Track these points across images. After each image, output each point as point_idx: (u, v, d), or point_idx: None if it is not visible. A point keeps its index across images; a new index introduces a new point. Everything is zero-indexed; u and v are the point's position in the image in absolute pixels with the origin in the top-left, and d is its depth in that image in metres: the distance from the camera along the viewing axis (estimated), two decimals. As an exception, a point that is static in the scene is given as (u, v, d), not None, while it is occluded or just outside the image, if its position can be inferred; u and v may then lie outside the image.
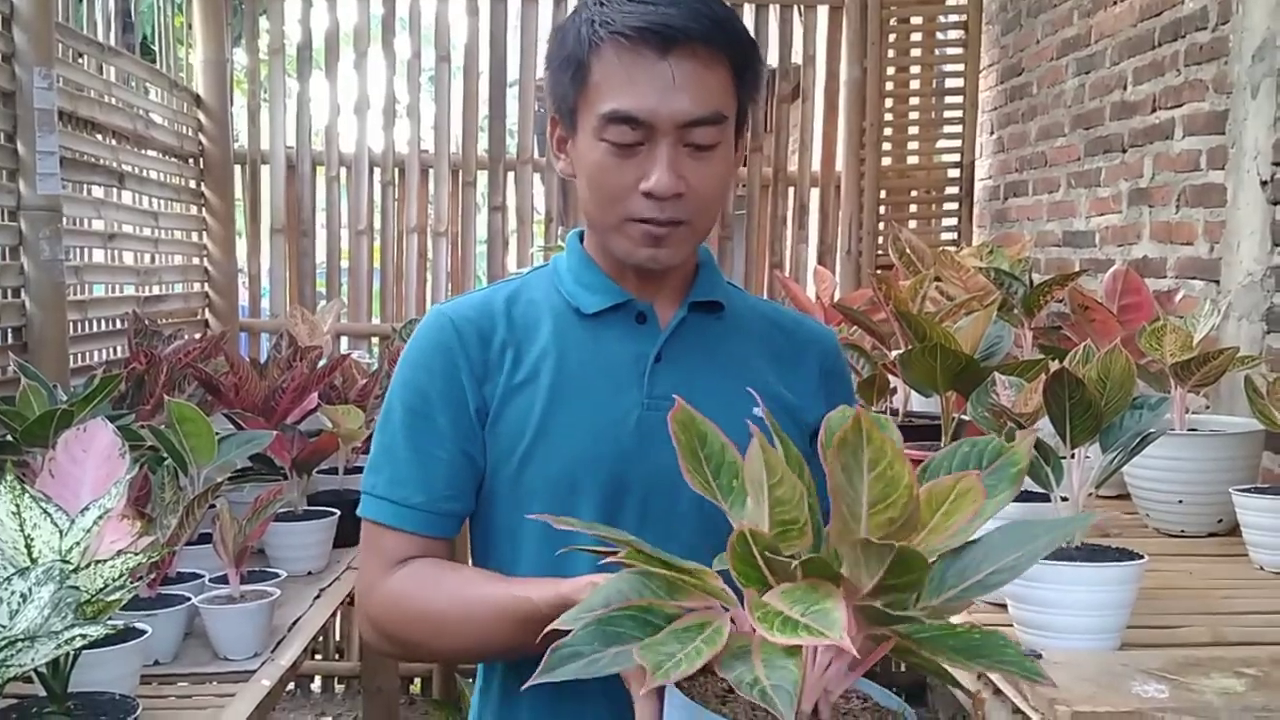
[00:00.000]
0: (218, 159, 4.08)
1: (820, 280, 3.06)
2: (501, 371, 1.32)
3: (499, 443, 1.30)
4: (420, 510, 1.30)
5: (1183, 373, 1.93)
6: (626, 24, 1.24)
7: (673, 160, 1.25)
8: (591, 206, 1.32)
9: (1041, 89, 3.63)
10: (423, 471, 1.30)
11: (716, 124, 1.27)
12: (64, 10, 2.99)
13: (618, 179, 1.27)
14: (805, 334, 1.44)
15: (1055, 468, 1.40)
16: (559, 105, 1.32)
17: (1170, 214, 2.78)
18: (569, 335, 1.33)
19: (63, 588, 1.47)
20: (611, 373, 1.31)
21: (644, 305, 1.35)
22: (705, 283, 1.39)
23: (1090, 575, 1.34)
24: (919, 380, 1.87)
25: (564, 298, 1.36)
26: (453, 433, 1.30)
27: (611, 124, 1.25)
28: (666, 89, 1.24)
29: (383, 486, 1.32)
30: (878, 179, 4.30)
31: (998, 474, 0.94)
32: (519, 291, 1.39)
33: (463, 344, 1.32)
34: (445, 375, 1.31)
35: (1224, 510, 1.89)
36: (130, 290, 3.45)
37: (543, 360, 1.32)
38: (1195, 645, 1.40)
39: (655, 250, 1.29)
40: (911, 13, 4.30)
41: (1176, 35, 2.77)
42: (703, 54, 1.25)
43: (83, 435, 1.83)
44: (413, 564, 1.30)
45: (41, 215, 2.66)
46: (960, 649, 0.85)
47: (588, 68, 1.26)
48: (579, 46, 1.27)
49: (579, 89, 1.28)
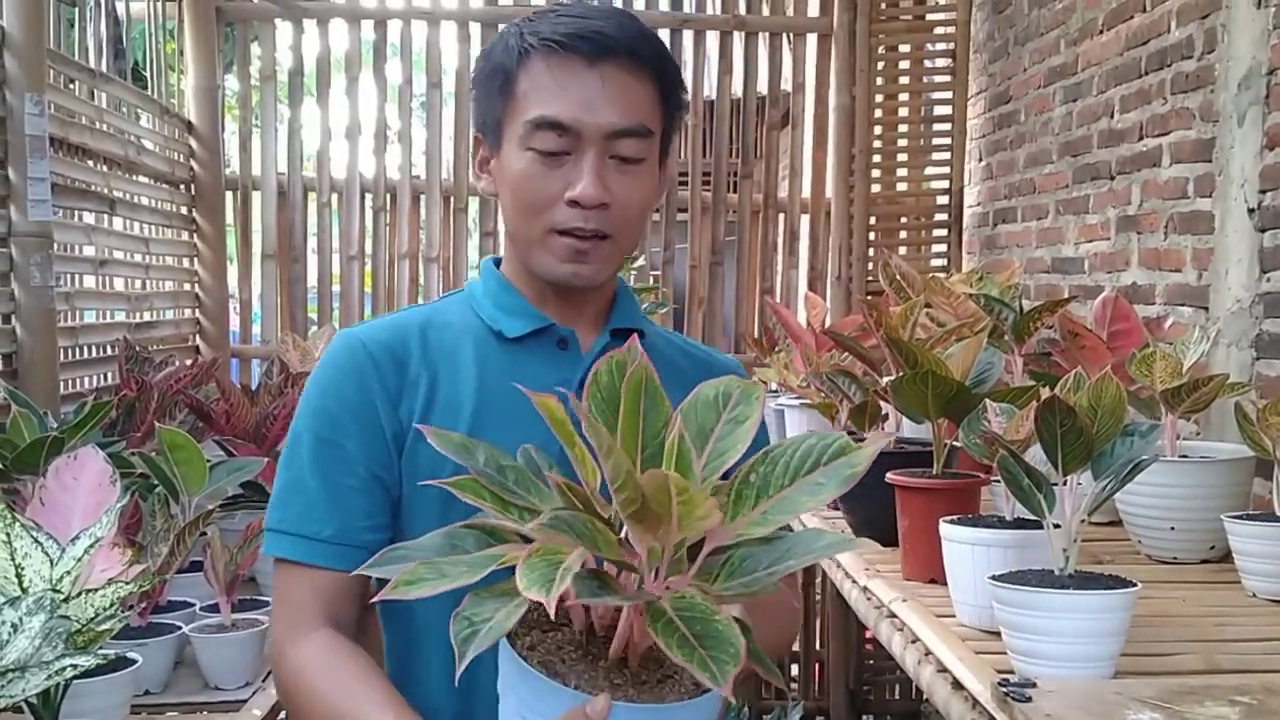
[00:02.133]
0: (209, 185, 4.08)
1: (811, 306, 3.07)
2: (418, 395, 1.29)
3: (420, 470, 1.26)
4: (333, 543, 1.25)
5: (1173, 399, 1.93)
6: (556, 32, 1.26)
7: (599, 170, 1.25)
8: (515, 219, 1.31)
9: (1029, 116, 3.65)
10: (334, 502, 1.26)
11: (643, 137, 1.28)
12: (55, 36, 2.99)
13: (542, 188, 1.26)
14: (719, 366, 1.45)
15: (1047, 495, 1.40)
16: (484, 120, 1.32)
17: (1159, 241, 2.79)
18: (490, 360, 1.32)
19: (54, 617, 1.46)
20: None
21: (566, 330, 1.34)
22: (625, 310, 1.40)
23: (1083, 603, 1.34)
24: (910, 407, 1.87)
25: (483, 322, 1.34)
26: (365, 459, 1.27)
27: (538, 130, 1.25)
28: (595, 97, 1.25)
29: (291, 521, 1.27)
30: (867, 205, 4.32)
31: (831, 473, 0.96)
32: (433, 316, 1.37)
33: (376, 367, 1.29)
34: (357, 399, 1.28)
35: (1216, 537, 1.89)
36: (121, 316, 3.45)
37: (464, 384, 1.30)
38: (1189, 673, 1.40)
39: (578, 266, 1.29)
40: (900, 41, 4.33)
41: (1163, 64, 2.79)
42: (630, 66, 1.27)
43: (73, 463, 1.82)
44: (322, 636, 1.24)
45: (32, 241, 2.66)
46: (779, 555, 0.94)
47: (515, 78, 1.27)
48: (507, 58, 1.28)
49: (506, 100, 1.28)
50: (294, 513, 1.27)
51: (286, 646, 1.25)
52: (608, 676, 0.99)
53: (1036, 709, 1.22)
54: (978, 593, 1.55)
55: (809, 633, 4.60)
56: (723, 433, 1.01)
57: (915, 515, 1.84)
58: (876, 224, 4.37)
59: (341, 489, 1.26)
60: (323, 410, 1.29)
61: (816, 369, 2.60)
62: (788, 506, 0.96)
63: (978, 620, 1.58)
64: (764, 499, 0.96)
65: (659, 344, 1.41)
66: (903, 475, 1.87)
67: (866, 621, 1.87)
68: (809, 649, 4.60)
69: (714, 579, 0.96)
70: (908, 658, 1.63)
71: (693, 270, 4.39)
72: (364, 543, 1.25)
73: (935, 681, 1.50)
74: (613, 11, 1.34)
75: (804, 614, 4.61)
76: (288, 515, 1.27)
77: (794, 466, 0.97)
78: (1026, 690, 1.26)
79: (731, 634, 0.89)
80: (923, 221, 4.42)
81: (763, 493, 0.97)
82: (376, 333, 1.32)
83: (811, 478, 0.97)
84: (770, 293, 4.41)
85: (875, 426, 2.34)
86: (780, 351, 3.23)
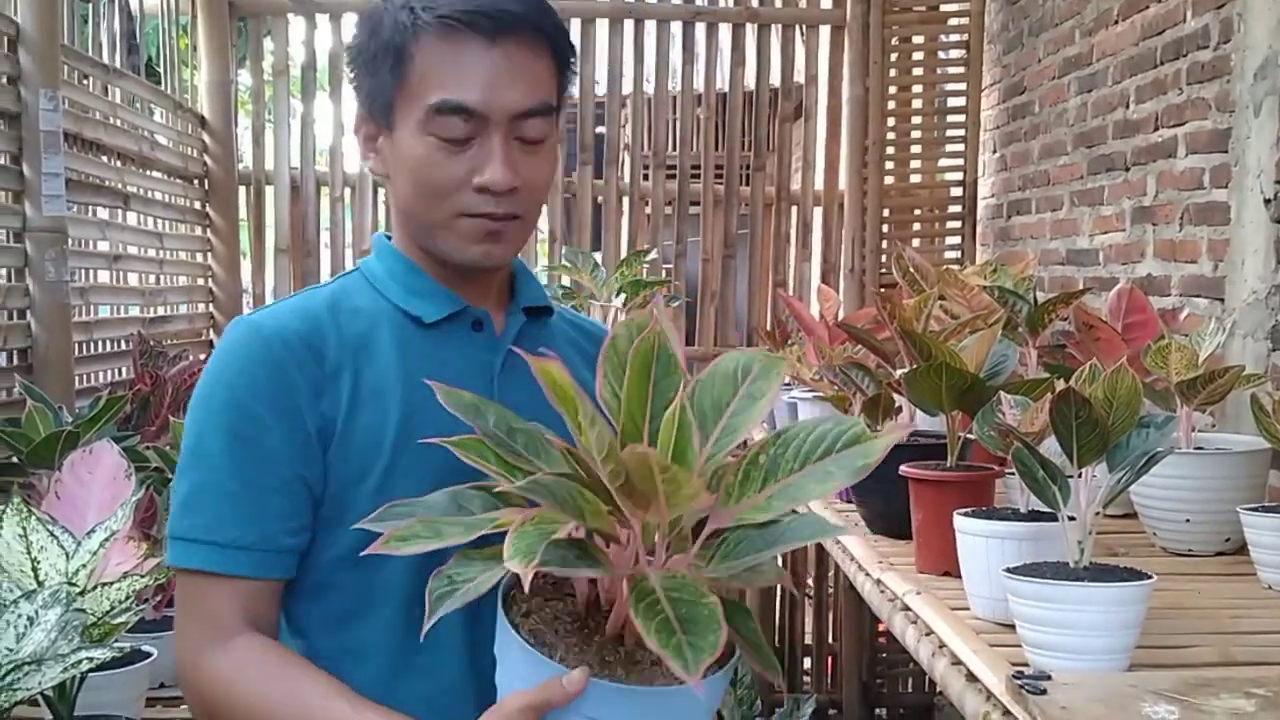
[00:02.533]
0: (222, 180, 4.10)
1: (824, 299, 3.06)
2: (341, 386, 1.22)
3: (348, 462, 1.21)
4: (254, 550, 1.17)
5: (1188, 391, 1.92)
6: (453, 8, 1.19)
7: (507, 154, 1.21)
8: (416, 204, 1.25)
9: (1044, 107, 3.64)
10: (254, 505, 1.17)
11: (546, 116, 1.24)
12: (69, 32, 3.00)
13: (447, 174, 1.21)
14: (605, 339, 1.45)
15: (1062, 487, 1.40)
16: (373, 100, 1.25)
17: (1174, 232, 2.78)
18: (411, 346, 1.27)
19: (69, 610, 1.47)
20: (460, 384, 1.22)
21: (479, 312, 1.30)
22: (530, 289, 1.37)
23: (1099, 595, 1.34)
24: (924, 399, 1.87)
25: (395, 305, 1.28)
26: (288, 457, 1.19)
27: (440, 115, 1.20)
28: (499, 78, 1.20)
29: (203, 529, 1.17)
30: (880, 197, 4.31)
31: (842, 461, 0.95)
32: (337, 298, 1.29)
33: (294, 357, 1.21)
34: (277, 393, 1.19)
35: (1231, 529, 1.88)
36: (135, 311, 3.46)
37: (387, 372, 1.24)
38: (1204, 665, 1.39)
39: (490, 246, 1.25)
40: (913, 32, 4.31)
41: (1178, 54, 2.78)
42: (531, 42, 1.22)
43: (88, 457, 1.83)
44: (246, 640, 1.17)
45: (47, 237, 2.67)
46: (773, 539, 0.94)
47: (409, 57, 1.20)
48: (397, 34, 1.21)
49: (399, 80, 1.21)
50: (207, 519, 1.18)
51: (204, 657, 1.17)
52: (599, 652, 0.98)
53: (1052, 701, 1.21)
54: (992, 585, 1.54)
55: (822, 626, 4.60)
56: (738, 408, 0.98)
57: (929, 508, 1.84)
58: (890, 216, 4.36)
59: (262, 490, 1.18)
60: (235, 405, 1.19)
61: (829, 362, 2.60)
62: (794, 493, 0.94)
63: (992, 613, 1.57)
64: (771, 482, 0.95)
65: (562, 324, 1.40)
66: (916, 468, 1.87)
67: (880, 614, 1.86)
68: (822, 642, 4.60)
69: (709, 561, 0.95)
70: (921, 651, 1.63)
71: (705, 263, 4.39)
72: (287, 546, 1.19)
73: (949, 674, 1.50)
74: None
75: (816, 607, 4.61)
76: (199, 522, 1.18)
77: (805, 451, 0.95)
78: (1041, 683, 1.26)
79: (715, 621, 0.86)
80: (936, 214, 4.40)
81: (770, 476, 0.95)
82: (286, 320, 1.24)
83: (822, 464, 0.94)
84: (783, 285, 4.40)
85: (888, 419, 2.33)
86: (793, 344, 3.23)
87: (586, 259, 3.25)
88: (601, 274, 3.17)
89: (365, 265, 1.34)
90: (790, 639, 4.55)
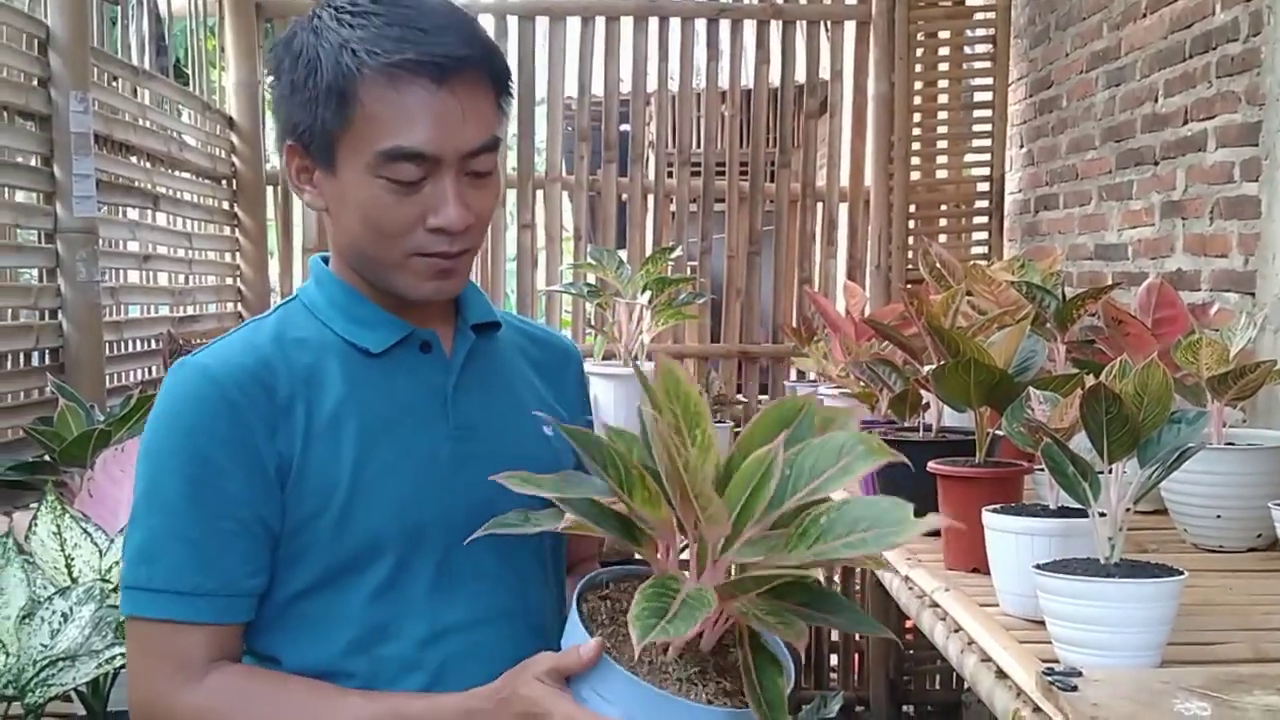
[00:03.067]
0: (250, 180, 4.12)
1: (850, 295, 3.06)
2: (294, 422, 1.20)
3: (306, 499, 1.20)
4: (217, 596, 1.16)
5: (1219, 386, 1.91)
6: (401, 55, 1.16)
7: (459, 192, 1.20)
8: (366, 245, 1.23)
9: (1071, 102, 3.62)
10: (215, 550, 1.16)
11: (494, 150, 1.24)
12: (98, 35, 3.03)
13: (399, 215, 1.20)
14: (558, 345, 1.46)
15: (1092, 483, 1.39)
16: (311, 136, 1.21)
17: (1204, 226, 2.76)
18: (361, 376, 1.25)
19: (103, 607, 1.48)
20: (414, 409, 1.25)
21: (426, 334, 1.29)
22: (478, 303, 1.36)
23: (1130, 591, 1.33)
24: (952, 395, 1.86)
25: (340, 336, 1.27)
26: (248, 499, 1.18)
27: (391, 161, 1.17)
28: (449, 120, 1.18)
29: (162, 578, 1.16)
30: (906, 193, 4.29)
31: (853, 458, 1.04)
32: (281, 332, 1.27)
33: (246, 396, 1.19)
34: (233, 435, 1.18)
35: (1263, 525, 1.87)
36: (165, 311, 3.49)
37: (341, 405, 1.23)
38: (1237, 662, 1.39)
39: (442, 283, 1.24)
40: (939, 27, 4.29)
41: (1208, 47, 2.75)
42: (475, 79, 1.20)
43: (120, 455, 1.85)
44: (220, 670, 1.17)
45: (78, 237, 2.70)
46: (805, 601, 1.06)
47: (354, 100, 1.17)
48: (339, 77, 1.17)
49: (343, 122, 1.18)
50: (166, 567, 1.16)
51: (177, 694, 1.16)
52: (655, 657, 1.06)
53: (1083, 698, 1.21)
54: (1021, 582, 1.54)
55: (850, 623, 4.58)
56: (830, 477, 1.04)
57: (958, 504, 1.83)
58: (916, 212, 4.34)
59: (223, 534, 1.17)
60: (191, 450, 1.17)
61: (856, 358, 2.59)
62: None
63: (1021, 610, 1.57)
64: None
65: (509, 334, 1.39)
66: (945, 464, 1.86)
67: (908, 611, 1.86)
68: (849, 639, 4.59)
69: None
70: (950, 647, 1.62)
71: (730, 261, 4.38)
72: (248, 589, 1.19)
73: (979, 671, 1.49)
74: (442, 9, 1.23)
75: (845, 604, 4.59)
76: (158, 571, 1.16)
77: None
78: (1072, 679, 1.25)
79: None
80: (963, 209, 4.38)
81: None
82: (233, 357, 1.22)
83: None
84: (808, 282, 4.39)
85: (915, 415, 2.33)
86: (819, 341, 3.22)
87: (611, 256, 3.25)
88: (626, 271, 3.17)
89: (304, 293, 1.31)
90: (817, 636, 4.54)
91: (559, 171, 4.38)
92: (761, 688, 1.02)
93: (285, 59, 1.22)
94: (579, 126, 4.31)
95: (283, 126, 1.24)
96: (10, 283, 2.68)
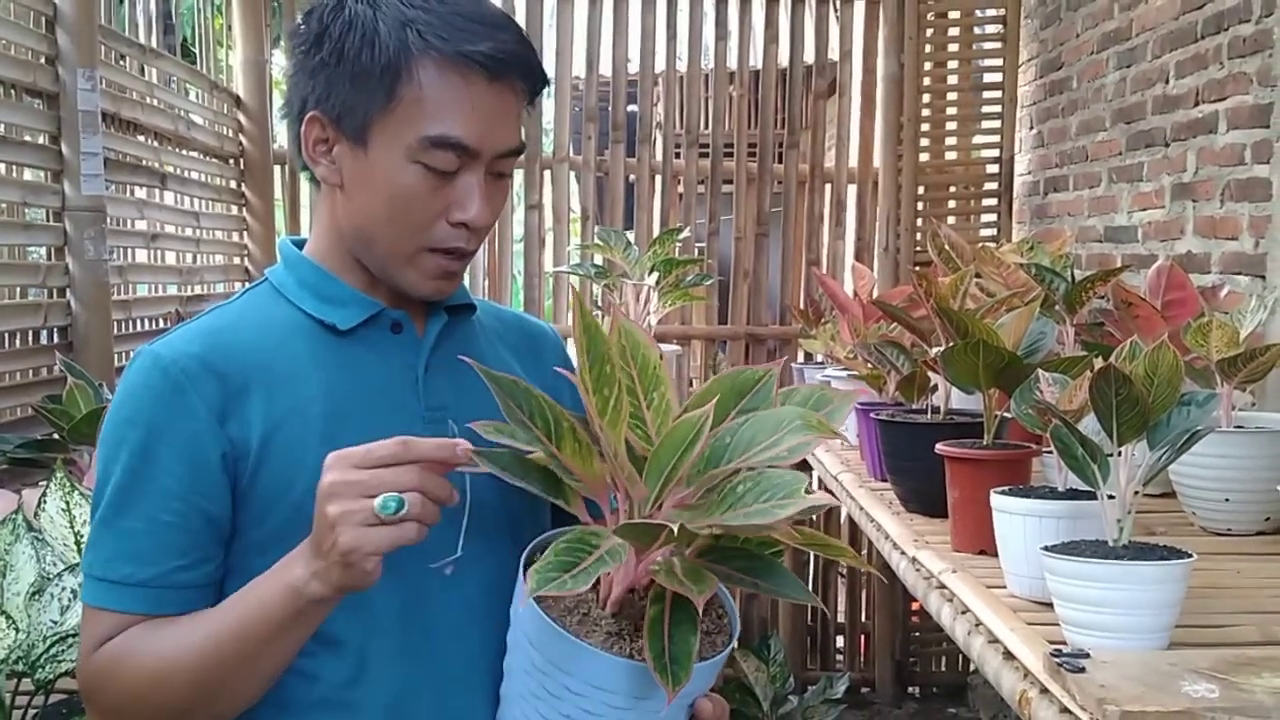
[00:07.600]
0: (257, 159, 4.12)
1: (859, 277, 3.05)
2: (250, 406, 1.18)
3: (271, 481, 1.17)
4: (149, 587, 1.15)
5: (1229, 369, 1.90)
6: (471, 46, 1.16)
7: (488, 192, 1.20)
8: (381, 230, 1.20)
9: (1082, 83, 3.60)
10: (150, 541, 1.15)
11: (520, 154, 1.26)
12: (106, 13, 3.02)
13: (428, 205, 1.18)
14: (534, 330, 1.43)
15: (1101, 465, 1.39)
16: (344, 109, 1.18)
17: (1214, 209, 2.74)
18: (328, 355, 1.22)
19: (112, 584, 1.48)
20: (385, 390, 1.22)
21: (397, 314, 1.26)
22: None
23: (1138, 573, 1.33)
24: (961, 377, 1.86)
25: (308, 315, 1.24)
26: (186, 491, 1.15)
27: (435, 148, 1.16)
28: (493, 118, 1.19)
29: (100, 566, 1.16)
30: (915, 175, 4.28)
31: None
32: (243, 316, 1.25)
33: (192, 384, 1.16)
34: (171, 425, 1.16)
35: (1271, 508, 1.87)
36: (173, 289, 3.49)
37: (306, 385, 1.20)
38: (1245, 644, 1.39)
39: (443, 284, 1.24)
40: (949, 7, 4.27)
41: (1219, 28, 2.74)
42: (520, 84, 1.21)
43: (129, 433, 1.84)
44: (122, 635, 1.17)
45: (86, 216, 2.70)
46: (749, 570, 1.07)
47: (409, 81, 1.15)
48: (399, 54, 1.15)
49: (388, 100, 1.16)
50: (105, 556, 1.16)
51: (88, 656, 1.18)
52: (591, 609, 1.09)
53: (1090, 680, 1.21)
54: (1029, 564, 1.54)
55: (855, 604, 4.60)
56: (763, 448, 1.03)
57: (965, 486, 1.83)
58: (925, 193, 4.33)
59: (159, 527, 1.15)
60: (134, 441, 1.16)
61: (864, 340, 2.59)
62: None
63: (1029, 591, 1.57)
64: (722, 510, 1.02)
65: (485, 319, 1.37)
66: (953, 446, 1.86)
67: (915, 593, 1.86)
68: (854, 621, 4.60)
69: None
70: (958, 629, 1.63)
71: (738, 242, 4.37)
72: (184, 582, 1.16)
73: (986, 652, 1.49)
74: (494, 7, 1.24)
75: (850, 585, 4.61)
76: (97, 560, 1.17)
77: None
78: (1080, 661, 1.25)
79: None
80: (972, 190, 4.37)
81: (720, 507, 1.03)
82: (183, 345, 1.20)
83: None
84: (817, 264, 4.38)
85: (924, 397, 2.32)
86: (827, 323, 3.22)
87: (619, 238, 3.25)
88: (634, 252, 3.17)
89: (273, 275, 1.29)
90: (823, 617, 4.55)
91: (566, 152, 4.37)
92: (671, 640, 1.00)
93: (332, 26, 1.19)
94: (586, 107, 4.29)
95: (306, 96, 1.21)
96: (19, 261, 2.68)
